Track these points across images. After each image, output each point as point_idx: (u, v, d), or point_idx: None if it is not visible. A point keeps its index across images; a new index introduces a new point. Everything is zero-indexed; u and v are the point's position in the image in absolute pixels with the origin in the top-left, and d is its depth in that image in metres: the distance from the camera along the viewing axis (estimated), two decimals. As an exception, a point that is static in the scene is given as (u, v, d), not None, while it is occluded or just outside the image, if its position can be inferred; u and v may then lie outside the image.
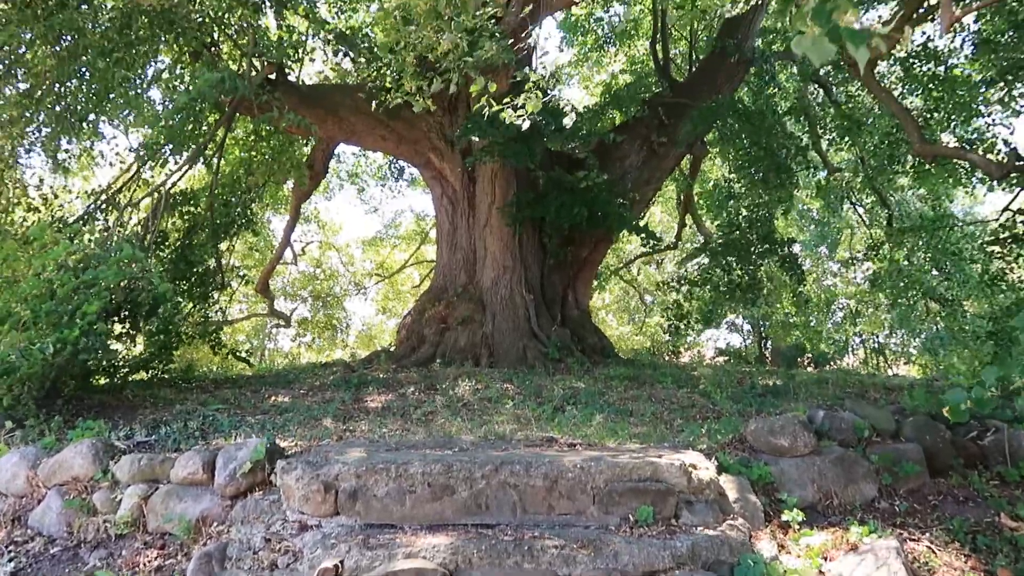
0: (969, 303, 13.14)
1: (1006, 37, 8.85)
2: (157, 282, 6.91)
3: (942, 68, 10.00)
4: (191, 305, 10.97)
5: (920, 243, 12.27)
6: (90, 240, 7.93)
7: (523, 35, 7.43)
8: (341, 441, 5.35)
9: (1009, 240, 9.34)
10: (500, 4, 5.23)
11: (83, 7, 9.32)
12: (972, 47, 9.50)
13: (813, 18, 1.94)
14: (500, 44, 5.53)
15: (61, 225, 9.32)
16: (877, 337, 20.79)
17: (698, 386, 8.06)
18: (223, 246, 12.19)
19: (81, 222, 9.61)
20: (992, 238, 9.92)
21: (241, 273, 14.18)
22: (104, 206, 10.13)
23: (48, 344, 5.68)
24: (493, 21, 5.44)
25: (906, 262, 12.68)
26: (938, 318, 12.96)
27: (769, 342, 20.08)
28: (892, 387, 8.08)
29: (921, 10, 8.66)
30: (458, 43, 5.30)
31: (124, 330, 7.78)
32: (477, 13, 5.18)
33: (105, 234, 8.89)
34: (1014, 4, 8.47)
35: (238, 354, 12.28)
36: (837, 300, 20.37)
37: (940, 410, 5.01)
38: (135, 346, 8.77)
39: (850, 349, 20.73)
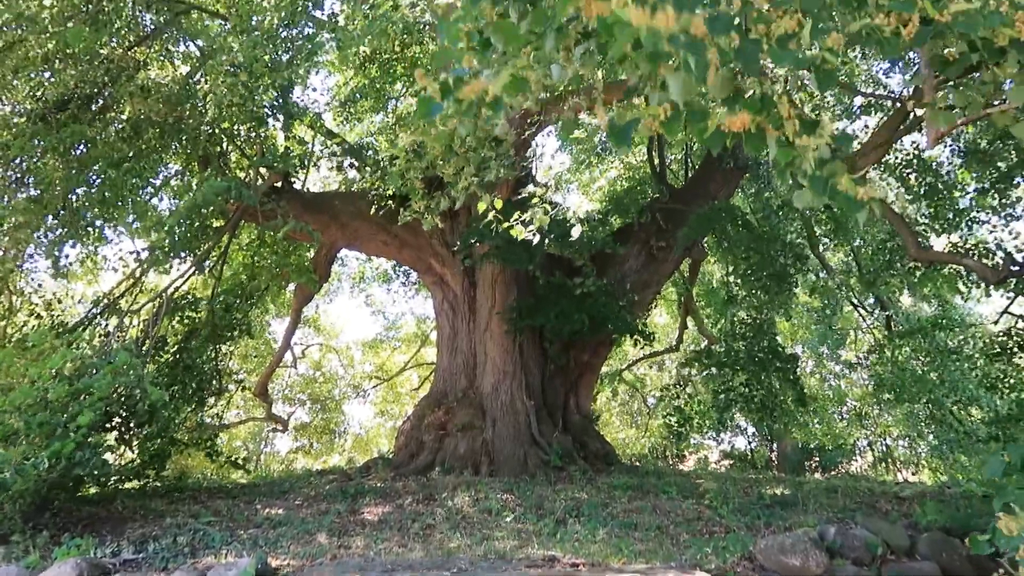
0: (973, 407, 12.98)
1: (994, 146, 9.10)
2: (152, 390, 6.83)
3: (932, 177, 10.22)
4: (187, 410, 10.84)
5: (921, 345, 12.22)
6: (88, 346, 7.93)
7: (525, 152, 7.67)
8: (335, 561, 5.15)
9: (1012, 347, 9.32)
10: (505, 129, 5.42)
11: (95, 120, 9.65)
12: (962, 156, 9.76)
13: (811, 187, 1.98)
14: (502, 162, 5.69)
15: (61, 330, 9.34)
16: (884, 440, 20.43)
17: (704, 497, 7.85)
18: (222, 350, 12.15)
19: (81, 327, 9.63)
20: (992, 345, 9.89)
21: (239, 378, 14.07)
22: (105, 311, 10.17)
23: (42, 459, 5.56)
24: (495, 142, 5.62)
25: (908, 364, 12.59)
26: (943, 423, 12.75)
27: (775, 444, 19.73)
28: (903, 497, 7.86)
29: (907, 122, 8.93)
30: (465, 167, 5.46)
31: (118, 437, 7.67)
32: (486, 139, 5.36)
33: (105, 340, 8.88)
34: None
35: (234, 461, 12.04)
36: (843, 401, 20.12)
37: (955, 523, 4.85)
38: (128, 452, 8.61)
39: (857, 452, 20.35)
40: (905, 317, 14.66)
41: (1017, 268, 8.71)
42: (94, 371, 6.67)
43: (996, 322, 11.02)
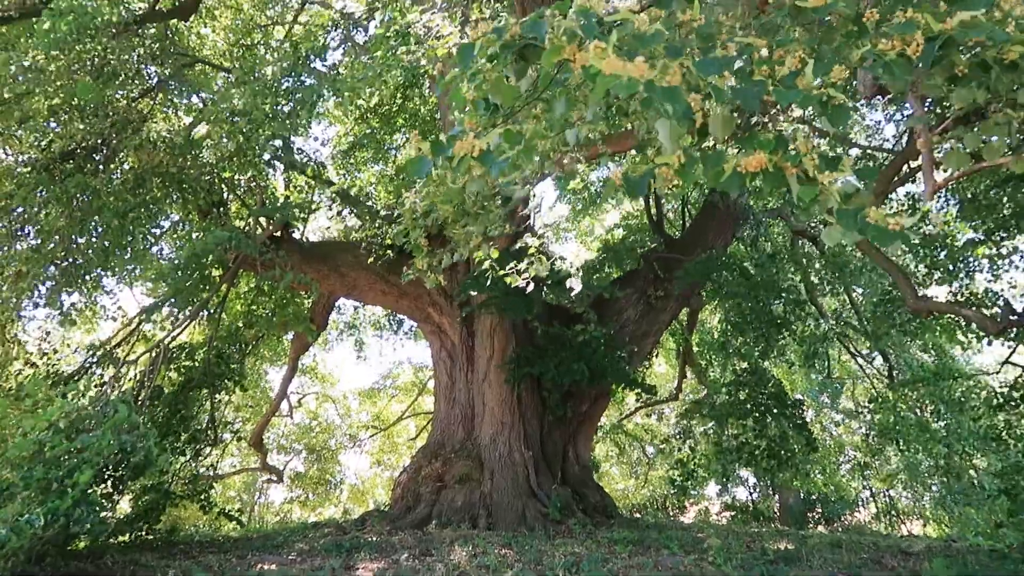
0: (978, 457, 12.86)
1: (990, 196, 9.18)
2: (152, 448, 6.75)
3: (929, 227, 10.29)
4: (182, 461, 10.71)
5: (924, 396, 12.16)
6: (84, 397, 7.86)
7: (526, 205, 7.74)
8: (329, 619, 5.02)
9: (1016, 398, 9.27)
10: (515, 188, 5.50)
11: (99, 171, 9.74)
12: (958, 206, 9.83)
13: (839, 221, 1.95)
14: (500, 215, 5.73)
15: (56, 380, 9.27)
16: (887, 491, 20.19)
17: (707, 552, 7.70)
18: (218, 399, 12.06)
19: (77, 377, 9.56)
20: (996, 396, 9.85)
21: (234, 428, 13.94)
22: (101, 360, 10.11)
23: (38, 516, 5.46)
24: (504, 200, 5.69)
25: (911, 415, 12.52)
26: (948, 474, 12.62)
27: (778, 494, 19.48)
28: (910, 552, 7.72)
29: (903, 173, 9.03)
30: (472, 225, 5.51)
31: (111, 490, 7.54)
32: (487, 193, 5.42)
33: (100, 390, 8.81)
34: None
35: (228, 513, 11.85)
36: (844, 451, 19.96)
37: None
38: (121, 504, 8.48)
39: (861, 503, 20.09)
40: (908, 365, 14.61)
41: (1016, 318, 8.71)
42: (91, 423, 6.60)
43: (998, 372, 10.96)
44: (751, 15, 2.89)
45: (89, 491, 5.98)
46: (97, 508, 6.10)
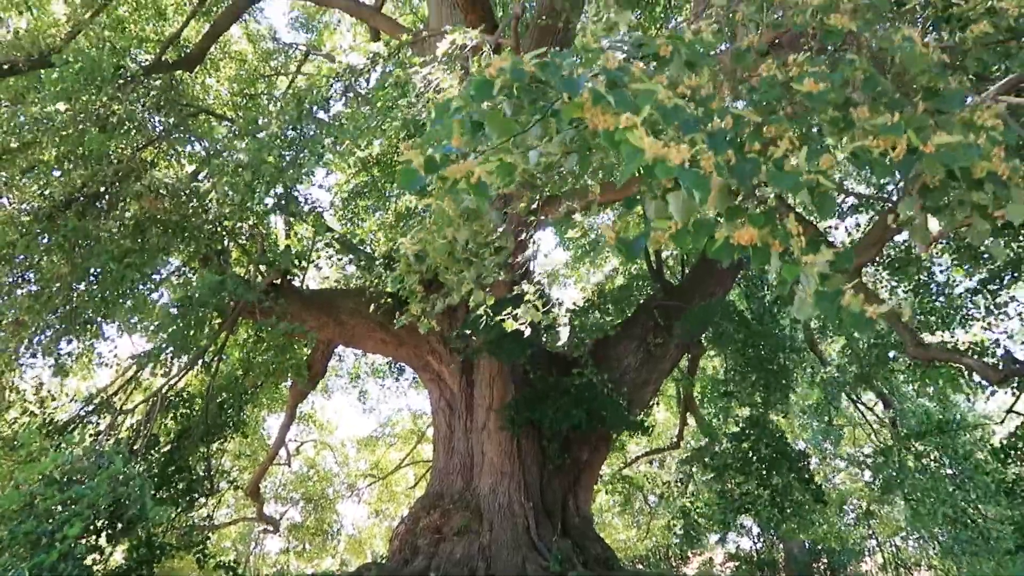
0: (987, 509, 12.67)
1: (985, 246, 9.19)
2: (147, 501, 6.66)
3: (926, 276, 10.32)
4: (177, 511, 10.56)
5: (930, 447, 12.04)
6: (79, 447, 7.77)
7: (522, 252, 7.77)
8: None
9: (1022, 448, 9.18)
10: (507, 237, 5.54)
11: (101, 218, 9.81)
12: (953, 254, 9.87)
13: (817, 303, 1.99)
14: (496, 263, 5.75)
15: (51, 429, 9.20)
16: (894, 540, 19.89)
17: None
18: (215, 448, 11.94)
19: (73, 426, 9.49)
20: (1004, 447, 9.75)
21: (231, 477, 13.78)
22: (98, 409, 10.05)
23: (23, 571, 5.35)
24: (497, 250, 5.72)
25: (916, 465, 12.37)
26: (955, 524, 12.42)
27: (782, 544, 19.17)
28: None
29: (898, 221, 9.06)
30: (466, 271, 5.53)
31: (104, 542, 7.41)
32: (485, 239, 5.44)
33: (96, 439, 8.73)
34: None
35: (225, 565, 11.63)
36: (848, 500, 19.70)
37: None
38: (114, 556, 8.31)
39: (867, 552, 19.78)
40: (912, 413, 14.50)
41: (1018, 366, 8.68)
42: (84, 476, 6.52)
43: (1002, 421, 10.88)
44: (741, 79, 2.97)
45: (76, 544, 5.87)
46: (84, 562, 5.98)
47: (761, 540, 19.45)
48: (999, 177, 2.18)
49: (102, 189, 9.89)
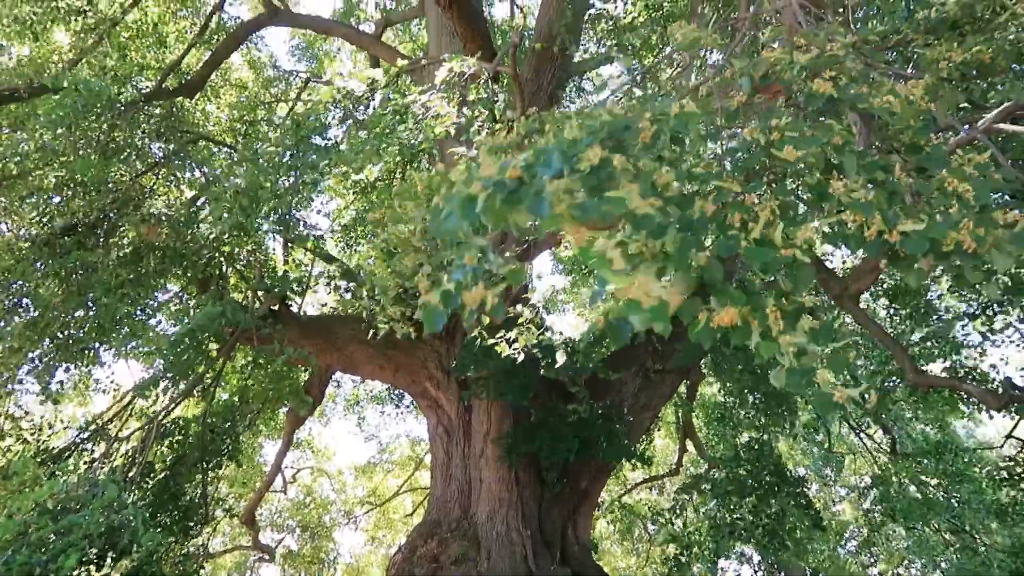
0: (986, 534, 12.58)
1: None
2: (141, 528, 6.59)
3: (922, 304, 10.34)
4: (171, 540, 10.43)
5: (928, 470, 11.99)
6: (74, 475, 7.70)
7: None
8: None
9: (1020, 473, 9.14)
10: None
11: (99, 245, 9.82)
12: (950, 282, 9.89)
13: (788, 379, 2.05)
14: (489, 284, 5.72)
15: (45, 457, 9.12)
16: (896, 569, 19.68)
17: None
18: (210, 475, 11.83)
19: (67, 454, 9.41)
20: (1001, 470, 9.71)
21: (226, 506, 13.66)
22: (93, 436, 9.98)
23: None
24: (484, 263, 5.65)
25: (915, 490, 12.30)
26: (956, 552, 12.32)
27: (783, 572, 18.94)
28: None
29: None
30: (435, 277, 5.46)
31: (95, 572, 7.31)
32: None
33: (90, 467, 8.67)
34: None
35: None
36: (848, 528, 19.56)
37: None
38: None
39: (868, 582, 19.58)
40: (910, 439, 14.44)
41: (1018, 392, 8.66)
42: (78, 504, 6.45)
43: (1001, 446, 10.84)
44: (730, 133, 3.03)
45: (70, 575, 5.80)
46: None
47: (761, 568, 19.23)
48: (965, 251, 2.23)
49: (101, 216, 9.90)
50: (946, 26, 4.48)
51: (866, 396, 2.33)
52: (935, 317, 10.53)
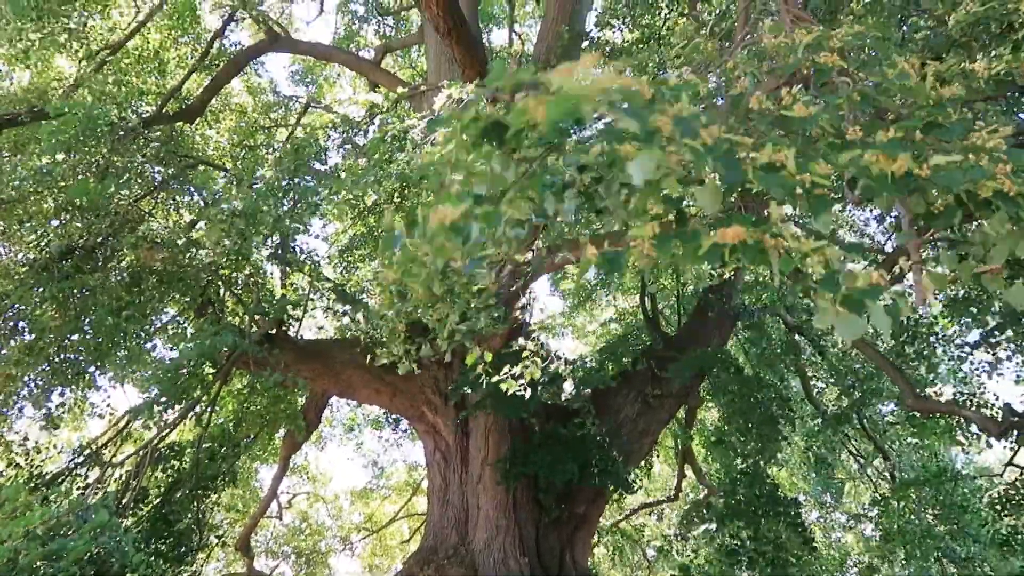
0: (987, 563, 12.45)
1: (982, 300, 9.20)
2: (131, 552, 6.52)
3: (922, 331, 10.30)
4: (165, 567, 10.30)
5: (927, 498, 11.89)
6: (66, 501, 7.62)
7: (517, 304, 7.77)
8: None
9: (1020, 500, 9.07)
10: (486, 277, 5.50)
11: (97, 269, 9.80)
12: (948, 307, 9.87)
13: (821, 287, 1.87)
14: (490, 313, 5.72)
15: (38, 482, 9.04)
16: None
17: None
18: (205, 500, 11.72)
19: (61, 479, 9.33)
20: (1001, 498, 9.63)
21: (221, 531, 13.52)
22: (87, 461, 9.90)
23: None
24: (479, 292, 5.67)
25: (915, 518, 12.19)
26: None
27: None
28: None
29: (893, 273, 9.07)
30: (449, 314, 5.47)
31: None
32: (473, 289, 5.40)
33: (83, 492, 8.59)
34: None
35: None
36: (849, 556, 19.37)
37: None
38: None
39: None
40: (910, 467, 14.35)
41: (1018, 419, 8.62)
42: (69, 530, 6.39)
43: (1001, 474, 10.76)
44: (739, 122, 2.97)
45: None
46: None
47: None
48: (1007, 195, 2.05)
49: (99, 240, 9.90)
50: (947, 45, 4.46)
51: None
52: (934, 341, 10.49)
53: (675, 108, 2.01)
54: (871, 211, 12.19)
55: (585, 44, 12.29)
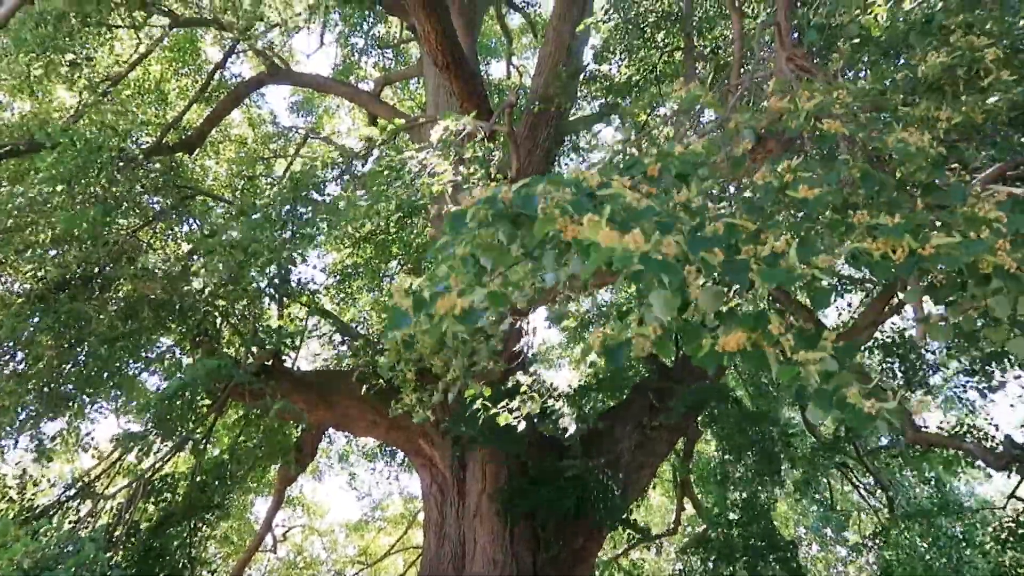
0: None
1: (979, 330, 9.18)
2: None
3: (919, 361, 10.28)
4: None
5: (928, 530, 11.77)
6: (55, 535, 7.51)
7: (516, 342, 7.74)
8: None
9: (1022, 533, 8.98)
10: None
11: (93, 299, 9.77)
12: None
13: (815, 402, 1.93)
14: (492, 353, 5.72)
15: (29, 515, 8.92)
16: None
17: None
18: (198, 534, 11.55)
19: (52, 512, 9.22)
20: (1002, 530, 9.54)
21: (214, 567, 13.32)
22: (79, 494, 9.79)
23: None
24: (486, 337, 5.70)
25: (914, 552, 12.06)
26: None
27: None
28: None
29: (892, 304, 9.08)
30: (454, 359, 5.50)
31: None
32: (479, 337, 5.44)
33: (75, 526, 8.47)
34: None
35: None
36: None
37: None
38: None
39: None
40: (908, 500, 14.23)
41: (1019, 451, 8.55)
42: (55, 564, 6.28)
43: (1004, 506, 10.66)
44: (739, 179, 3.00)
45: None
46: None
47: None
48: (1006, 271, 2.12)
49: (96, 270, 9.88)
50: (924, 87, 4.54)
51: (906, 400, 2.20)
52: (931, 372, 10.46)
53: (682, 196, 2.07)
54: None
55: (583, 78, 12.43)
